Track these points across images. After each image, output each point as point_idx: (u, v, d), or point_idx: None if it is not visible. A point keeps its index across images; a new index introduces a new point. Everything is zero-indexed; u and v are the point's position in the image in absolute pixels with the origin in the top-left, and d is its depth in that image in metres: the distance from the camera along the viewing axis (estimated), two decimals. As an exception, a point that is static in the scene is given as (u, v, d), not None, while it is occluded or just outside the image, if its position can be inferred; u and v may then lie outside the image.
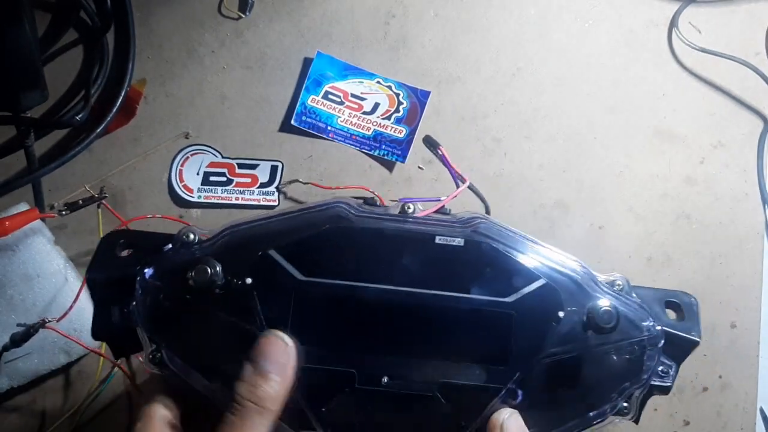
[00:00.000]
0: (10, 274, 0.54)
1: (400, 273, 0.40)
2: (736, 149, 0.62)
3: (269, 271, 0.39)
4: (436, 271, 0.40)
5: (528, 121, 0.61)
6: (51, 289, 0.55)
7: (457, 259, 0.40)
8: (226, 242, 0.40)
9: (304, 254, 0.39)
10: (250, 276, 0.39)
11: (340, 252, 0.40)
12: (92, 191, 0.57)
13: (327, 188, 0.59)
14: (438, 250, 0.40)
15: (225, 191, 0.59)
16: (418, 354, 0.39)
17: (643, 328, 0.41)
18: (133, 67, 0.60)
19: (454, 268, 0.40)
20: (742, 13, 0.64)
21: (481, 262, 0.40)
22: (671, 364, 0.42)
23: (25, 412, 0.56)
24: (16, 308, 0.54)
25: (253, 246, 0.40)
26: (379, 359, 0.39)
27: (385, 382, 0.39)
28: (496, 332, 0.39)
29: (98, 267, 0.41)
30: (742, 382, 0.58)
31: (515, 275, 0.40)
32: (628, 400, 0.41)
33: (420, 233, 0.40)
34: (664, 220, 0.60)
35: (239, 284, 0.39)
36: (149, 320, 0.39)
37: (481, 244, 0.40)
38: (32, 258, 0.55)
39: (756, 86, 0.62)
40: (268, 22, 0.62)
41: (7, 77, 0.55)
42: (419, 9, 0.63)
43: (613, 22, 0.63)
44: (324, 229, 0.40)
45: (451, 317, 0.39)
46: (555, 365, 0.39)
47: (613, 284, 0.42)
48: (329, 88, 0.61)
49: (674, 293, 0.43)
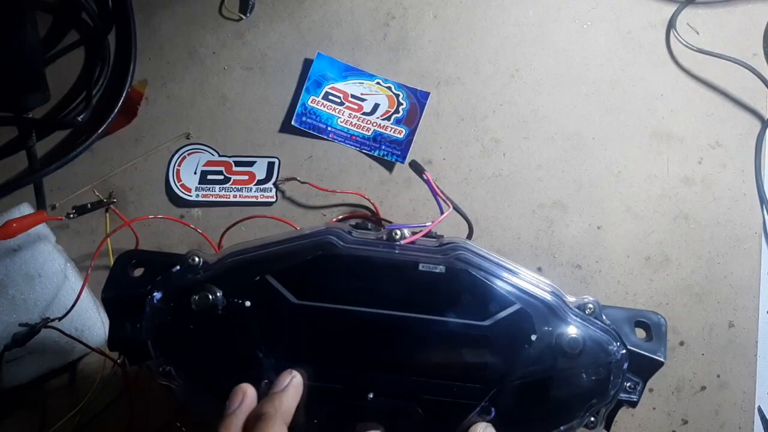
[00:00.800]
0: (12, 273, 0.54)
1: (386, 297, 0.43)
2: (733, 149, 0.62)
3: (266, 295, 0.43)
4: (419, 296, 0.43)
5: (527, 121, 0.62)
6: (52, 288, 0.55)
7: (438, 285, 0.43)
8: (227, 267, 0.44)
9: (298, 279, 0.43)
10: (249, 299, 0.43)
11: (330, 277, 0.43)
12: (101, 195, 0.57)
13: (324, 190, 0.59)
14: (421, 277, 0.43)
15: (223, 189, 0.60)
16: (402, 372, 0.43)
17: (609, 351, 0.43)
18: (135, 68, 0.60)
19: (436, 293, 0.43)
20: (739, 14, 0.64)
21: (460, 288, 0.43)
22: (638, 381, 0.44)
23: (26, 412, 0.56)
24: (17, 308, 0.54)
25: (251, 271, 0.43)
26: (366, 376, 0.43)
27: (371, 397, 0.42)
28: (473, 353, 0.43)
29: (113, 285, 0.45)
30: (740, 381, 0.58)
31: (492, 300, 0.43)
32: (595, 415, 0.43)
33: (404, 261, 0.44)
34: (662, 220, 0.61)
35: (239, 307, 0.43)
36: (157, 338, 0.43)
37: (461, 272, 0.43)
38: (34, 258, 0.55)
39: (753, 87, 0.62)
40: (269, 23, 0.62)
41: (9, 78, 0.56)
42: (419, 11, 0.63)
43: (611, 24, 0.64)
44: (316, 256, 0.44)
45: (432, 339, 0.43)
46: (527, 384, 0.43)
47: (584, 307, 0.45)
48: (329, 89, 0.61)
49: (644, 313, 0.46)
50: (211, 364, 0.43)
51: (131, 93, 0.60)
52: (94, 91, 0.59)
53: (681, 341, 0.59)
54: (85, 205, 0.56)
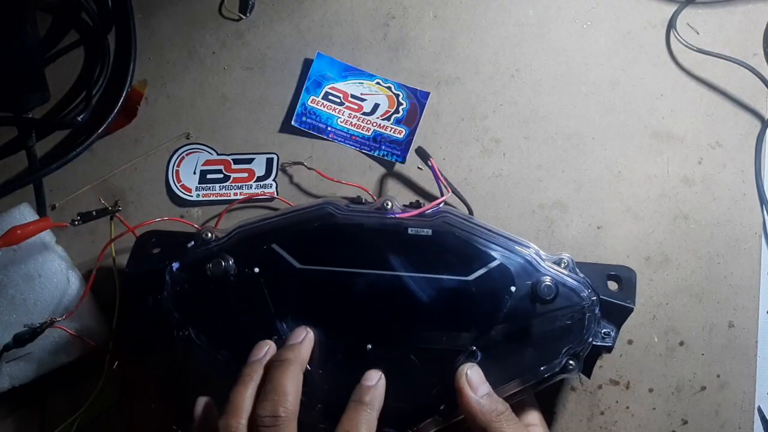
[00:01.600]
0: (11, 273, 0.54)
1: (379, 259, 0.48)
2: (733, 149, 0.62)
3: (273, 262, 0.48)
4: (409, 257, 0.48)
5: (527, 121, 0.62)
6: (52, 288, 0.55)
7: (426, 246, 0.49)
8: (236, 239, 0.50)
9: (300, 247, 0.49)
10: (258, 266, 0.48)
11: (329, 244, 0.49)
12: (106, 203, 0.57)
13: (330, 179, 0.59)
14: (410, 239, 0.49)
15: (223, 188, 0.60)
16: (396, 324, 0.48)
17: (582, 297, 0.48)
18: (134, 68, 0.60)
19: (424, 253, 0.48)
20: (739, 14, 0.64)
21: (446, 248, 0.49)
22: (611, 327, 0.49)
23: (26, 412, 0.56)
24: (17, 308, 0.54)
25: (258, 241, 0.49)
26: (364, 330, 0.48)
27: (370, 348, 0.47)
28: (459, 305, 0.48)
29: (135, 263, 0.51)
30: (740, 382, 0.58)
31: (474, 258, 0.48)
32: (575, 359, 0.48)
33: (394, 225, 0.50)
34: (662, 220, 0.61)
35: (249, 273, 0.48)
36: (177, 305, 0.48)
37: (446, 234, 0.49)
38: (34, 258, 0.55)
39: (754, 87, 0.62)
40: (269, 23, 0.62)
41: (8, 78, 0.56)
42: (419, 10, 0.63)
43: (611, 24, 0.63)
44: (316, 226, 0.49)
45: (421, 294, 0.48)
46: (508, 330, 0.48)
47: (560, 262, 0.50)
48: (329, 89, 0.61)
49: (615, 267, 0.52)
50: (226, 326, 0.48)
51: (131, 93, 0.60)
52: (93, 91, 0.59)
53: (681, 341, 0.59)
54: (91, 212, 0.56)
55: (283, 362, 0.44)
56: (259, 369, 0.45)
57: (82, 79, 0.61)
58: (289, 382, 0.43)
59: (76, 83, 0.61)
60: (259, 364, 0.45)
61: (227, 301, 0.48)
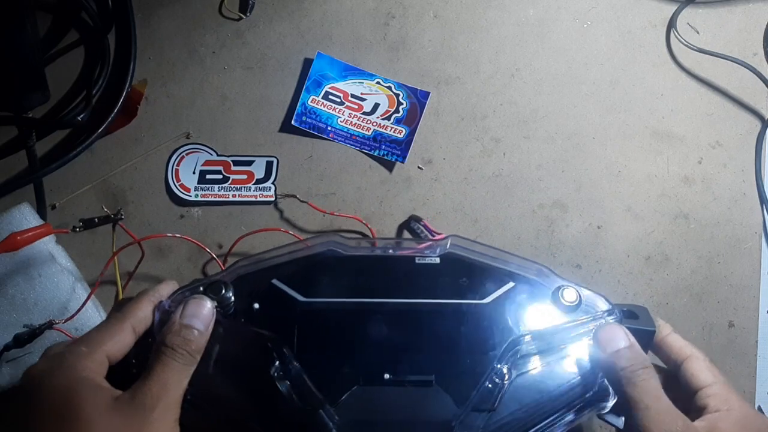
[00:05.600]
0: (11, 273, 0.54)
1: (387, 288, 0.45)
2: (734, 149, 0.62)
3: (274, 297, 0.45)
4: (419, 284, 0.46)
5: (527, 121, 0.62)
6: (52, 289, 0.55)
7: (435, 273, 0.46)
8: (232, 277, 0.46)
9: (303, 280, 0.46)
10: (257, 302, 0.45)
11: (334, 276, 0.46)
12: (109, 211, 0.56)
13: (322, 211, 0.58)
14: (418, 268, 0.46)
15: (222, 189, 0.60)
16: (413, 352, 0.44)
17: (603, 306, 0.46)
18: (135, 67, 0.60)
19: (434, 280, 0.46)
20: (739, 13, 0.64)
21: (456, 274, 0.46)
22: None
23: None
24: (17, 308, 0.54)
25: (258, 279, 0.46)
26: (379, 360, 0.44)
27: (387, 378, 0.44)
28: (478, 327, 0.45)
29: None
30: (740, 381, 0.58)
31: (487, 281, 0.46)
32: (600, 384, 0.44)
33: (401, 257, 0.48)
34: (662, 220, 0.61)
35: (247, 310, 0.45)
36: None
37: (455, 261, 0.47)
38: (34, 258, 0.55)
39: (754, 86, 0.62)
40: (269, 23, 0.62)
41: (9, 78, 0.56)
42: (419, 10, 0.63)
43: (612, 23, 0.63)
44: (317, 259, 0.47)
45: (436, 319, 0.45)
46: (534, 344, 0.44)
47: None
48: (329, 89, 0.61)
49: (628, 306, 0.48)
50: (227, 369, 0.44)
51: (131, 92, 0.60)
52: (94, 91, 0.59)
53: (681, 341, 0.59)
54: (93, 219, 0.56)
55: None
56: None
57: (82, 79, 0.61)
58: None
59: (76, 83, 0.61)
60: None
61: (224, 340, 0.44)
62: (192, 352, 0.41)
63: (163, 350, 0.40)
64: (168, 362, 0.40)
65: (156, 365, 0.40)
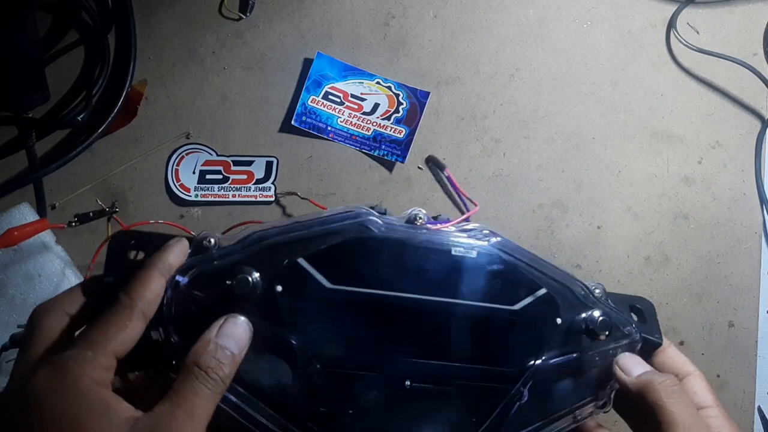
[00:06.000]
0: (11, 273, 0.54)
1: (418, 281, 0.43)
2: (734, 149, 0.62)
3: (298, 279, 0.41)
4: (451, 280, 0.43)
5: (527, 121, 0.62)
6: (52, 288, 0.55)
7: (470, 269, 0.44)
8: (253, 250, 0.41)
9: (330, 263, 0.41)
10: (280, 284, 0.41)
11: (364, 261, 0.42)
12: (104, 204, 0.57)
13: (323, 208, 0.58)
14: (454, 261, 0.44)
15: (221, 189, 0.60)
16: (437, 358, 0.42)
17: (626, 333, 0.45)
18: (134, 67, 0.60)
19: (467, 277, 0.44)
20: (739, 14, 0.64)
21: (491, 273, 0.44)
22: None
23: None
24: (17, 308, 0.54)
25: (280, 255, 0.41)
26: (403, 364, 0.42)
27: (408, 385, 0.42)
28: (504, 337, 0.43)
29: (113, 270, 0.40)
30: (740, 381, 0.58)
31: (520, 285, 0.44)
32: (608, 395, 0.45)
33: (438, 243, 0.44)
34: (662, 220, 0.61)
35: (269, 292, 0.40)
36: (179, 328, 0.39)
37: (493, 257, 0.44)
38: (34, 257, 0.55)
39: (754, 86, 0.62)
40: (269, 23, 0.62)
41: (9, 78, 0.56)
42: (419, 10, 0.63)
43: (612, 23, 0.64)
44: (349, 239, 0.42)
45: (464, 324, 0.43)
46: (554, 365, 0.44)
47: (593, 291, 0.46)
48: (329, 89, 0.61)
49: (636, 299, 0.49)
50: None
51: (131, 92, 0.60)
52: (94, 91, 0.59)
53: (681, 341, 0.59)
54: (88, 213, 0.56)
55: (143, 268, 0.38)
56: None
57: (82, 79, 0.60)
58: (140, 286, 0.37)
59: (76, 83, 0.61)
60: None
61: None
62: (224, 377, 0.36)
63: (194, 372, 0.36)
64: (198, 387, 0.35)
65: (184, 389, 0.35)
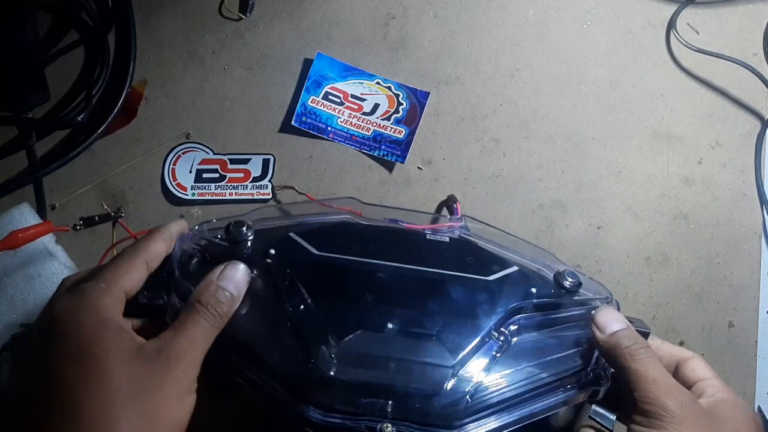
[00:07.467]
0: (11, 273, 0.54)
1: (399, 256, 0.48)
2: (733, 149, 0.62)
3: (289, 247, 0.48)
4: (429, 257, 0.49)
5: (527, 121, 0.62)
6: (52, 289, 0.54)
7: (444, 249, 0.50)
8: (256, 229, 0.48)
9: (318, 238, 0.48)
10: (273, 249, 0.47)
11: (348, 238, 0.49)
12: (109, 209, 0.57)
13: (321, 204, 0.58)
14: (429, 243, 0.50)
15: (218, 187, 0.60)
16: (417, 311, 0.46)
17: (603, 292, 0.48)
18: (134, 67, 0.60)
19: (443, 257, 0.49)
20: (739, 14, 0.64)
21: (464, 253, 0.49)
22: None
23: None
24: (17, 308, 0.54)
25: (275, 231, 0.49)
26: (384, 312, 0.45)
27: (390, 327, 0.45)
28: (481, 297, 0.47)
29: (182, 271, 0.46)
30: (739, 382, 0.58)
31: (492, 263, 0.49)
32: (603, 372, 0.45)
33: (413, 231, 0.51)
34: (662, 220, 0.61)
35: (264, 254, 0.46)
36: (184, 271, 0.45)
37: (464, 241, 0.51)
38: (34, 258, 0.55)
39: (754, 87, 0.62)
40: (269, 23, 0.62)
41: (8, 78, 0.56)
42: (419, 10, 0.63)
43: (612, 23, 0.63)
44: (335, 222, 0.51)
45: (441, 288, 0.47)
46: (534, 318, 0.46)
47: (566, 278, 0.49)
48: (329, 89, 0.61)
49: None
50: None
51: (131, 93, 0.60)
52: (93, 91, 0.59)
53: (681, 341, 0.59)
54: (93, 217, 0.56)
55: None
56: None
57: (82, 79, 0.60)
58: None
59: (76, 83, 0.61)
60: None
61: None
62: (223, 314, 0.42)
63: (196, 307, 0.41)
64: (199, 320, 0.40)
65: (187, 320, 0.40)
